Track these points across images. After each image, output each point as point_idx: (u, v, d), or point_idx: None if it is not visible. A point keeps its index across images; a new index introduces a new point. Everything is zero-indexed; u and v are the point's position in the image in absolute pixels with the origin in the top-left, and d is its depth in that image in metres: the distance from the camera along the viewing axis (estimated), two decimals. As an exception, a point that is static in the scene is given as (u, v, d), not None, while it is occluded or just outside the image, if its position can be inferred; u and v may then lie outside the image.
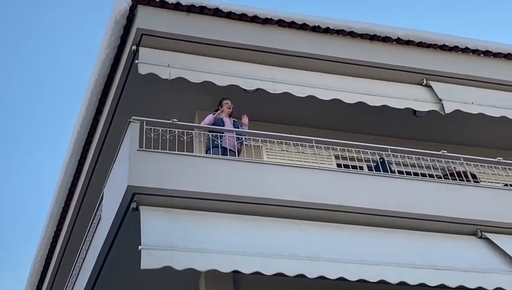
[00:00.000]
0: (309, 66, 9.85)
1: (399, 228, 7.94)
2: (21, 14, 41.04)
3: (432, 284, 7.00)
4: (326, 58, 9.92)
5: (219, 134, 8.29)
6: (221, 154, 8.00)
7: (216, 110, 8.89)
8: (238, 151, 8.45)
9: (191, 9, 9.45)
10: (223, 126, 8.56)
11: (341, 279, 6.71)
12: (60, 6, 42.89)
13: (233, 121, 8.86)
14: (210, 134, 8.33)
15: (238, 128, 8.73)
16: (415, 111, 10.21)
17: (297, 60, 9.79)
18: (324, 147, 8.61)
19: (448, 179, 8.95)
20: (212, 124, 8.56)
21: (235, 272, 6.56)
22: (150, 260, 6.13)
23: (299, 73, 9.74)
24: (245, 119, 8.87)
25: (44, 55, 43.22)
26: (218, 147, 8.09)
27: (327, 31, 10.04)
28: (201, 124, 8.62)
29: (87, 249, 8.74)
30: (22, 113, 41.93)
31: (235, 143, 8.39)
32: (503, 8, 39.84)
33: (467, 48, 10.66)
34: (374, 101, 9.65)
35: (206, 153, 8.28)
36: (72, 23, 43.40)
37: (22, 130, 42.52)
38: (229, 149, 8.31)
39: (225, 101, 8.96)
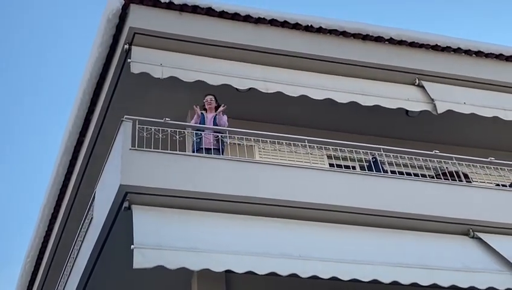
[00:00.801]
0: (302, 65, 9.85)
1: (391, 228, 7.95)
2: (14, 12, 40.87)
3: (424, 283, 7.01)
4: (319, 58, 9.92)
5: (200, 133, 8.23)
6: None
7: (203, 108, 8.85)
8: (222, 149, 8.27)
9: (183, 8, 9.43)
10: (204, 123, 8.53)
11: (334, 278, 6.71)
12: (52, 4, 42.75)
13: (215, 115, 8.71)
14: (195, 132, 8.30)
15: (218, 121, 8.56)
16: (407, 111, 10.23)
17: (290, 59, 9.79)
18: (317, 146, 8.61)
19: (441, 179, 8.97)
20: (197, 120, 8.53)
21: (228, 271, 6.54)
22: (142, 260, 6.11)
23: (292, 72, 9.73)
24: (221, 108, 8.62)
25: (37, 54, 43.07)
26: (201, 149, 8.10)
27: (320, 30, 10.05)
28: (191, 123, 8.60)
29: (79, 249, 8.70)
30: (14, 111, 41.76)
31: (214, 140, 8.25)
32: (495, 9, 40.05)
33: (459, 49, 10.70)
34: (367, 101, 9.66)
35: None
36: (64, 22, 43.27)
37: (13, 129, 42.34)
38: (213, 148, 8.16)
39: (206, 100, 8.87)
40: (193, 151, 8.25)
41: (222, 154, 8.28)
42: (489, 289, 7.18)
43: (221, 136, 8.35)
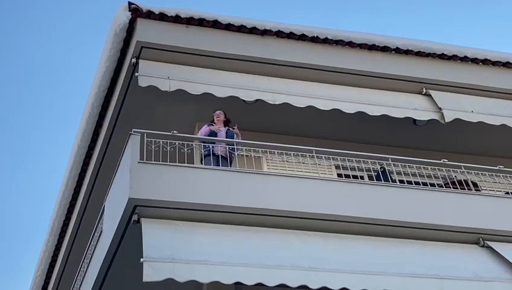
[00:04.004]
0: (308, 76, 9.88)
1: (401, 238, 7.93)
2: (19, 30, 41.19)
3: (435, 293, 6.98)
4: (325, 69, 9.94)
5: (211, 144, 8.39)
6: (215, 162, 8.08)
7: (212, 122, 8.93)
8: (230, 159, 8.44)
9: (190, 21, 9.49)
10: (216, 136, 8.64)
11: (344, 289, 6.69)
12: (59, 20, 43.05)
13: (227, 129, 8.87)
14: (203, 143, 8.43)
15: (232, 136, 8.73)
16: (415, 120, 10.23)
17: (296, 70, 9.82)
18: (324, 157, 8.61)
19: (450, 187, 8.95)
20: (208, 135, 8.66)
21: (237, 283, 6.54)
22: (152, 273, 6.13)
23: (299, 83, 9.76)
24: (235, 130, 8.84)
25: (46, 68, 43.34)
26: (211, 155, 8.18)
27: (326, 41, 10.07)
28: (198, 135, 8.70)
29: (89, 262, 8.72)
30: (23, 125, 41.98)
31: (226, 150, 8.42)
32: (501, 16, 40.02)
33: (465, 57, 10.69)
34: (374, 111, 9.67)
35: (202, 162, 8.37)
36: (71, 37, 43.55)
37: (23, 142, 42.55)
38: (221, 156, 8.32)
39: (215, 113, 9.02)
40: (205, 157, 8.31)
41: (231, 164, 8.33)
42: (500, 299, 7.15)
43: (230, 148, 8.41)
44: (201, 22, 9.53)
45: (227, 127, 8.92)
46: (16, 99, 41.31)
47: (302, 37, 9.97)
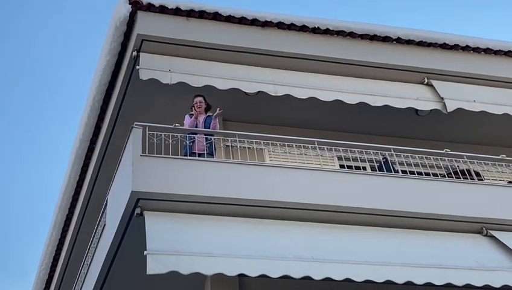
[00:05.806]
0: (309, 67, 9.86)
1: (404, 228, 7.93)
2: (21, 24, 41.16)
3: (439, 283, 6.98)
4: (327, 60, 9.92)
5: (193, 137, 8.10)
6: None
7: (192, 108, 8.72)
8: (210, 152, 8.13)
9: (190, 14, 9.46)
10: (195, 126, 8.41)
11: (347, 280, 6.71)
12: (59, 14, 43.00)
13: (207, 116, 8.56)
14: (190, 136, 8.13)
15: (210, 122, 8.44)
16: (417, 110, 10.21)
17: (298, 61, 9.80)
18: (327, 148, 8.60)
19: (452, 177, 8.94)
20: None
21: (241, 275, 6.55)
22: (155, 265, 6.14)
23: (300, 75, 9.74)
24: (218, 112, 8.45)
25: (46, 63, 43.32)
26: (193, 154, 8.00)
27: (327, 32, 10.04)
28: (186, 127, 8.40)
29: (92, 256, 8.74)
30: (25, 120, 42.02)
31: (204, 145, 8.12)
32: (503, 5, 39.87)
33: (467, 46, 10.65)
34: (376, 101, 9.65)
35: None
36: (72, 31, 43.51)
37: (24, 137, 42.61)
38: (198, 153, 8.08)
39: (195, 101, 8.70)
40: (185, 155, 8.14)
41: (213, 157, 8.19)
42: (504, 287, 7.15)
43: (214, 139, 8.27)
44: (201, 14, 9.50)
45: (206, 114, 8.62)
46: (15, 93, 41.32)
47: (303, 28, 9.94)
